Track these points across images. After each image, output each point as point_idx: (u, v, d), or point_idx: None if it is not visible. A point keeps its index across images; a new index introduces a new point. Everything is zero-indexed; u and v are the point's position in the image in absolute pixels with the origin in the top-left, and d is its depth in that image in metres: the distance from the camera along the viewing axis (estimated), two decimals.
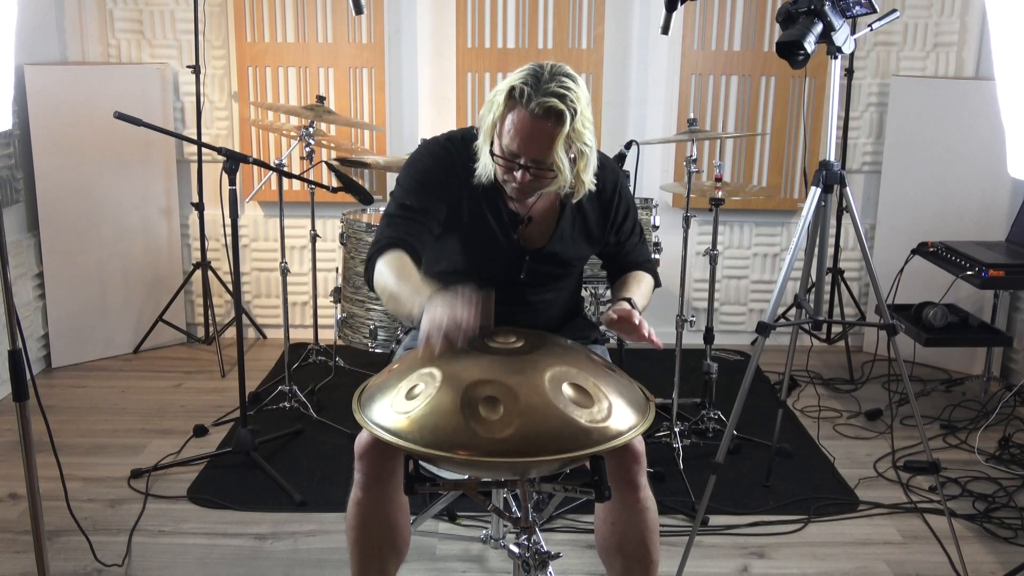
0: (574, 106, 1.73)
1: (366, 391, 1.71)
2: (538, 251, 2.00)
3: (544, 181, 1.81)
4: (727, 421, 2.63)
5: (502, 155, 1.81)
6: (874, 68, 4.17)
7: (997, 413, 3.48)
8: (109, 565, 2.47)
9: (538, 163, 1.78)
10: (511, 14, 4.09)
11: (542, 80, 1.73)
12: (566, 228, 2.01)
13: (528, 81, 1.73)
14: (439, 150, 1.96)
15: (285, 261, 3.51)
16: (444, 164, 1.93)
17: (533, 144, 1.75)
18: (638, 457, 1.84)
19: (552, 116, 1.72)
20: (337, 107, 4.15)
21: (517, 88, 1.73)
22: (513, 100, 1.75)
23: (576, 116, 1.74)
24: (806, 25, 2.28)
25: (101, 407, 3.58)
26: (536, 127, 1.74)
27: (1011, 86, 2.10)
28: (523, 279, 2.01)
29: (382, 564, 1.92)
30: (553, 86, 1.72)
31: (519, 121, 1.74)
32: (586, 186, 1.87)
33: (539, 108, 1.72)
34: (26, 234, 3.82)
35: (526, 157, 1.77)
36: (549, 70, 1.75)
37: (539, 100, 1.71)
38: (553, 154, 1.75)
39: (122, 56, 4.14)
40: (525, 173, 1.79)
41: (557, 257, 2.02)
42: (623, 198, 2.06)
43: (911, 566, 2.56)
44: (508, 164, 1.81)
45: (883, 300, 2.52)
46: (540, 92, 1.72)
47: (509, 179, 1.83)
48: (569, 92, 1.73)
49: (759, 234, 4.34)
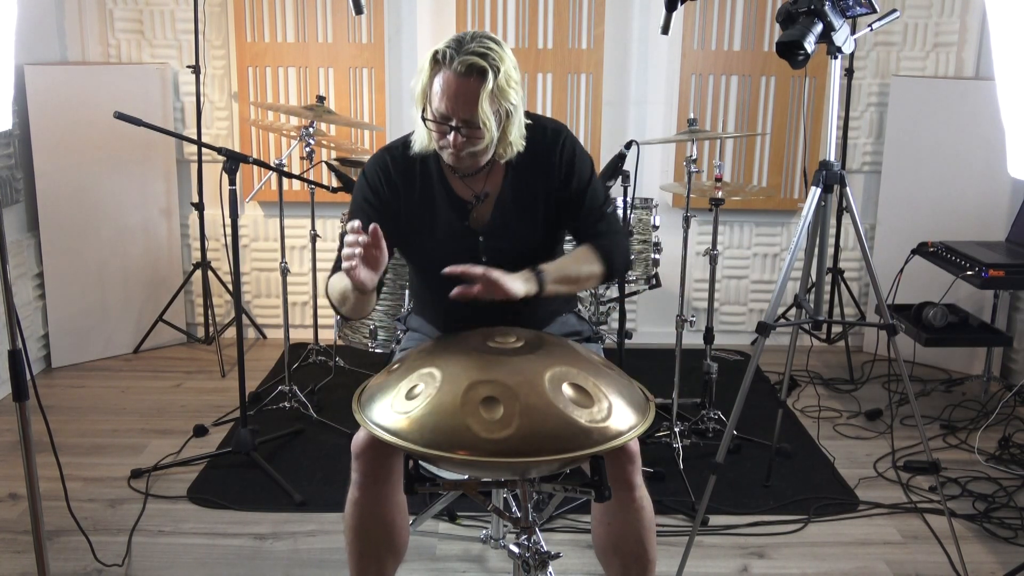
0: (496, 64, 1.78)
1: (366, 391, 1.71)
2: (486, 228, 2.00)
3: (476, 142, 1.84)
4: (727, 421, 2.63)
5: (433, 119, 1.85)
6: (874, 68, 4.17)
7: (997, 413, 3.48)
8: (109, 565, 2.47)
9: (467, 123, 1.82)
10: (511, 14, 4.09)
11: (464, 42, 1.79)
12: (506, 197, 1.99)
13: (451, 44, 1.80)
14: (373, 165, 2.01)
15: (285, 261, 3.51)
16: (376, 179, 1.99)
17: (460, 102, 1.79)
18: (633, 457, 1.84)
19: (474, 72, 1.77)
20: (337, 107, 4.15)
21: (440, 51, 1.80)
22: (437, 63, 1.80)
23: (500, 74, 1.79)
24: (806, 25, 2.28)
25: (101, 407, 3.58)
26: (461, 85, 1.78)
27: (1011, 86, 2.10)
28: (486, 262, 1.91)
29: (380, 564, 1.92)
30: (474, 46, 1.78)
31: (444, 82, 1.79)
32: (514, 147, 1.89)
33: (461, 66, 1.77)
34: (26, 234, 3.82)
35: (456, 118, 1.81)
36: (471, 35, 1.81)
37: (461, 59, 1.77)
38: (478, 109, 1.79)
39: (122, 56, 4.14)
40: (457, 135, 1.83)
41: (508, 230, 2.00)
42: (563, 153, 1.98)
43: (911, 566, 2.56)
44: (440, 128, 1.85)
45: (883, 300, 2.52)
46: (462, 52, 1.77)
47: (444, 144, 1.87)
48: (491, 52, 1.78)
49: (759, 234, 4.34)
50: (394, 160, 2.00)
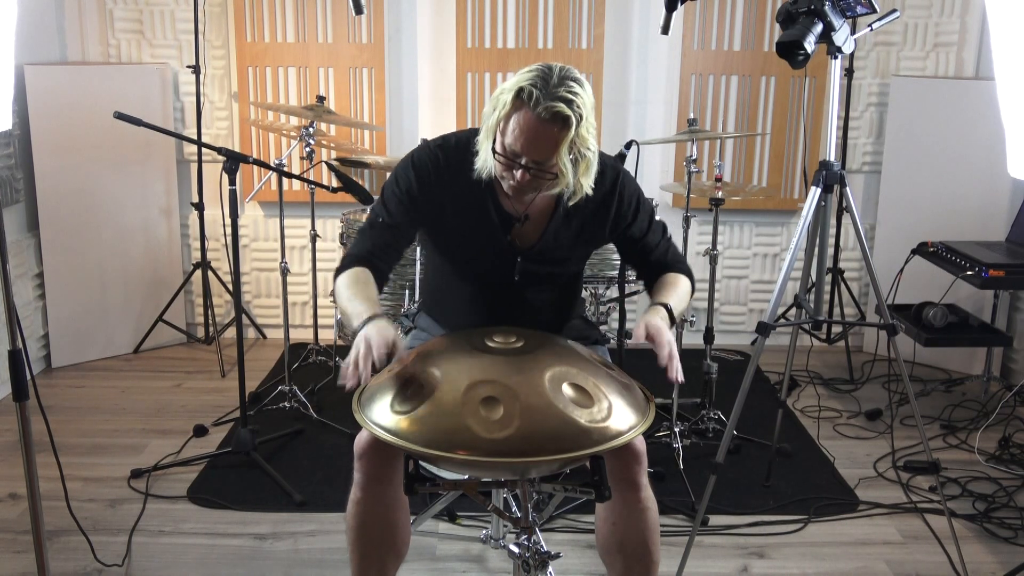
0: (580, 111, 1.72)
1: (366, 391, 1.71)
2: (529, 251, 1.99)
3: (542, 182, 1.81)
4: (727, 421, 2.63)
5: (503, 153, 1.79)
6: (874, 68, 4.17)
7: (997, 413, 3.48)
8: (109, 565, 2.47)
9: (539, 164, 1.77)
10: (511, 14, 4.09)
11: (550, 83, 1.72)
12: (558, 227, 1.98)
13: (536, 83, 1.72)
14: (425, 159, 1.94)
15: (285, 261, 3.51)
16: (425, 175, 1.93)
17: (536, 147, 1.75)
18: (639, 457, 1.84)
19: (559, 121, 1.71)
20: (337, 107, 4.15)
21: (526, 89, 1.72)
22: (520, 101, 1.73)
23: (582, 122, 1.73)
24: (806, 25, 2.28)
25: (101, 407, 3.58)
26: (541, 130, 1.73)
27: (1011, 86, 2.10)
28: (518, 280, 2.00)
29: (381, 564, 1.92)
30: (561, 90, 1.71)
31: (524, 122, 1.73)
32: (584, 190, 1.86)
33: (546, 112, 1.71)
34: (26, 234, 3.82)
35: (528, 158, 1.77)
36: (558, 73, 1.74)
37: (547, 104, 1.70)
38: (556, 158, 1.75)
39: (122, 56, 4.14)
40: (525, 173, 1.78)
41: (548, 257, 2.00)
42: (623, 196, 2.01)
43: (911, 566, 2.56)
44: (508, 163, 1.80)
45: (883, 300, 2.52)
46: (548, 96, 1.70)
47: (507, 177, 1.82)
48: (576, 97, 1.72)
49: (759, 234, 4.34)
50: (447, 158, 1.93)
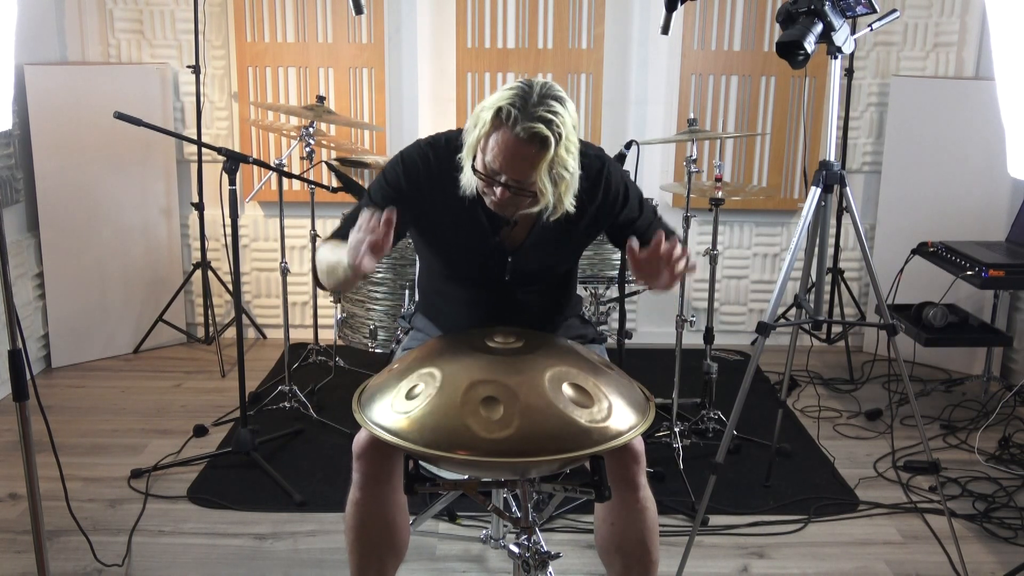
0: (559, 131, 1.70)
1: (366, 391, 1.71)
2: (518, 250, 1.98)
3: (523, 200, 1.79)
4: (727, 421, 2.63)
5: (484, 172, 1.78)
6: (874, 68, 4.17)
7: (997, 413, 3.48)
8: (109, 565, 2.47)
9: (518, 183, 1.76)
10: (511, 14, 4.09)
11: (530, 102, 1.69)
12: (546, 225, 1.94)
13: (516, 102, 1.70)
14: (415, 157, 1.94)
15: (285, 261, 3.51)
16: (414, 173, 1.92)
17: (515, 166, 1.73)
18: (638, 457, 1.84)
19: (537, 141, 1.69)
20: (337, 107, 4.15)
21: (504, 109, 1.70)
22: (499, 120, 1.70)
23: (560, 142, 1.71)
24: (806, 25, 2.28)
25: (101, 407, 3.58)
26: (520, 150, 1.71)
27: (1011, 86, 2.10)
28: (508, 280, 1.99)
29: (381, 564, 1.92)
30: (541, 110, 1.69)
31: (503, 142, 1.71)
32: (565, 207, 1.83)
33: (524, 132, 1.68)
34: (26, 234, 3.82)
35: (507, 177, 1.75)
36: (539, 91, 1.71)
37: (524, 124, 1.68)
38: (535, 177, 1.73)
39: (122, 56, 4.14)
40: (505, 191, 1.77)
41: (538, 255, 1.99)
42: (609, 186, 1.98)
43: (911, 566, 2.56)
44: (488, 181, 1.78)
45: (883, 300, 2.52)
46: (527, 116, 1.68)
47: (488, 193, 1.81)
48: (556, 117, 1.70)
49: (759, 234, 4.34)
50: (437, 157, 1.92)
